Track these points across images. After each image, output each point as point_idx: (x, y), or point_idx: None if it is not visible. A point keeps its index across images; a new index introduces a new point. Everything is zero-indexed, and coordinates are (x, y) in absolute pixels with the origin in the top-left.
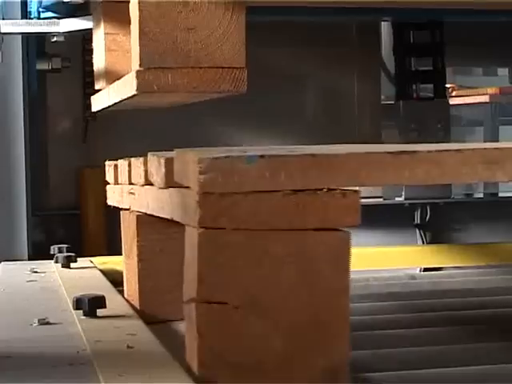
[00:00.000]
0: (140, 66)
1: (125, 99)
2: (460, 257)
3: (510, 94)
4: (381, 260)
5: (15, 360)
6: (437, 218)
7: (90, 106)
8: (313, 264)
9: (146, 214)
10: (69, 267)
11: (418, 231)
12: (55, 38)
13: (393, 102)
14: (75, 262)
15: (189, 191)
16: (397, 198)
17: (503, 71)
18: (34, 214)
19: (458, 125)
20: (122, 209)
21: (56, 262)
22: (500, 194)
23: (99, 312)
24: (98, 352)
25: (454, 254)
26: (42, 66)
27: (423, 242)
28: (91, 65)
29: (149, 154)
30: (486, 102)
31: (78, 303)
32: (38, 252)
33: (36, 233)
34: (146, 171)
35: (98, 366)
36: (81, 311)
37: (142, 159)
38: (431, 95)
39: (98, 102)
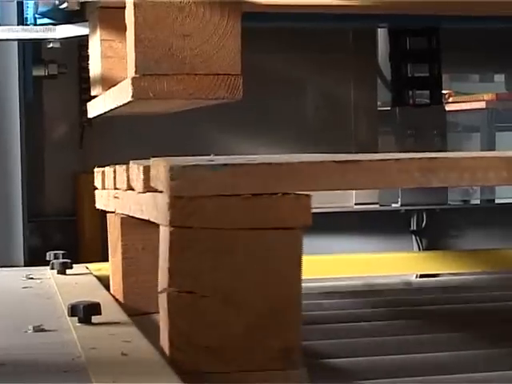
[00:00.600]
0: (136, 72)
1: (121, 106)
2: (456, 263)
3: (506, 101)
4: (376, 266)
5: (10, 367)
6: (433, 224)
7: (86, 112)
8: (270, 259)
9: (128, 216)
10: (64, 273)
11: (414, 237)
12: (51, 45)
13: (389, 108)
14: (71, 268)
15: (162, 195)
16: (393, 205)
17: (499, 77)
18: (30, 219)
19: (455, 131)
20: (108, 211)
21: (52, 268)
22: (496, 201)
23: (94, 319)
24: (92, 359)
25: (450, 260)
26: (39, 72)
27: (419, 249)
28: (87, 71)
29: (130, 162)
30: (483, 108)
31: (73, 310)
32: (34, 258)
33: (32, 239)
34: (128, 177)
35: (92, 373)
36: (76, 318)
37: (124, 167)
38: (427, 101)
39: (94, 108)
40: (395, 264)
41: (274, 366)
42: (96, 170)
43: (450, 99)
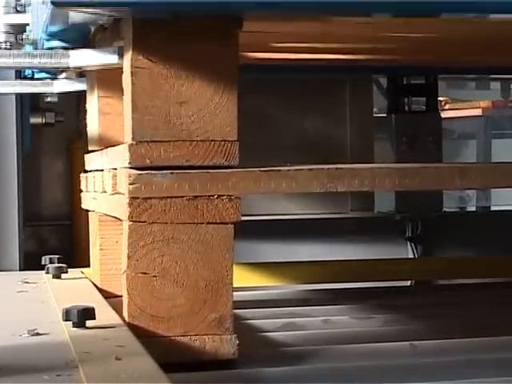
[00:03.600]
0: (132, 139)
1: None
2: (450, 270)
3: (502, 108)
4: (371, 273)
5: (4, 371)
6: (428, 231)
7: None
8: (207, 247)
9: (104, 214)
10: (60, 278)
11: (409, 244)
12: (49, 98)
13: (385, 115)
14: (66, 272)
15: (124, 196)
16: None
17: (495, 85)
18: (26, 224)
19: (451, 138)
20: (89, 210)
21: (47, 272)
22: (492, 208)
23: (89, 323)
24: (86, 363)
25: (444, 267)
26: (36, 120)
27: (414, 256)
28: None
29: (104, 169)
30: (479, 116)
31: (68, 314)
32: (30, 262)
33: (28, 243)
34: (102, 182)
35: (85, 378)
36: (70, 322)
37: (101, 173)
38: (423, 108)
39: (92, 163)
40: (390, 271)
41: (210, 332)
42: (81, 175)
43: (447, 106)
